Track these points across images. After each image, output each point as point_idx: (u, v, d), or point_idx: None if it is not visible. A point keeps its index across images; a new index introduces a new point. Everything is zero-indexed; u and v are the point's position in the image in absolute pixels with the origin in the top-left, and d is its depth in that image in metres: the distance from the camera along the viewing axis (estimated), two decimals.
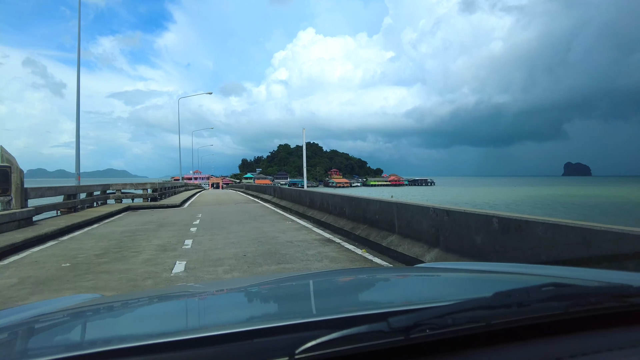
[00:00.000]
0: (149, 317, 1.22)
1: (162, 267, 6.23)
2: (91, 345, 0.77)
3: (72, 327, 1.13)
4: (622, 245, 3.01)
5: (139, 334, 0.98)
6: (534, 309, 0.83)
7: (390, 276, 1.80)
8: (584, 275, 1.32)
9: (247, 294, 1.46)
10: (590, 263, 3.23)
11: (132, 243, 8.54)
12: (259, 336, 0.75)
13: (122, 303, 1.45)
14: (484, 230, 4.57)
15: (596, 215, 34.98)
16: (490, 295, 0.84)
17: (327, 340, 0.71)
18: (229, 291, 1.56)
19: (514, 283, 1.31)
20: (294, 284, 1.62)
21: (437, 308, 0.78)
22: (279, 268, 6.06)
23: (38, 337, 1.05)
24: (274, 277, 2.09)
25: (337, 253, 7.12)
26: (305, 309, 1.18)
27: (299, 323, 0.81)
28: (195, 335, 0.76)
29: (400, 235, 6.65)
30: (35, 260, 6.95)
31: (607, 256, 3.10)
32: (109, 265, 6.45)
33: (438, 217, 5.54)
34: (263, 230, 10.08)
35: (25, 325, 1.13)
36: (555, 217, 3.97)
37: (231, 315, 1.15)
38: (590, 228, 3.28)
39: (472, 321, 0.77)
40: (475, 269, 1.77)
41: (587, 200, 56.06)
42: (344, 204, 9.66)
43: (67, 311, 1.31)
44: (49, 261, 6.86)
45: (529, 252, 3.89)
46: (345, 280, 1.67)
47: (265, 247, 7.68)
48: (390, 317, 0.75)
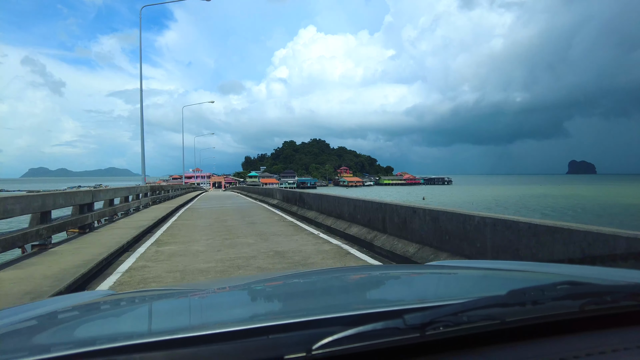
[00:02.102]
0: (165, 313, 1.22)
1: None
2: (108, 341, 0.75)
3: (85, 322, 1.15)
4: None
5: (157, 329, 0.99)
6: (549, 307, 0.82)
7: (403, 273, 1.79)
8: (597, 273, 1.33)
9: (262, 290, 1.46)
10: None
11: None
12: (275, 332, 0.75)
13: (137, 299, 1.44)
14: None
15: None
16: (504, 293, 0.84)
17: (343, 337, 0.70)
18: (243, 288, 1.54)
19: (528, 281, 1.31)
20: (307, 281, 1.58)
21: (452, 305, 0.78)
22: None
23: (49, 333, 1.01)
24: (287, 274, 2.00)
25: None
26: (320, 306, 1.17)
27: (315, 319, 0.81)
28: (212, 331, 0.76)
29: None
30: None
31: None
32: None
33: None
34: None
35: (34, 321, 1.11)
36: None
37: (247, 311, 1.20)
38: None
39: (487, 319, 0.77)
40: (488, 267, 1.73)
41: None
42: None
43: (80, 307, 1.32)
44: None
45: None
46: (358, 277, 1.68)
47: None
48: (405, 314, 0.75)
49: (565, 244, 3.33)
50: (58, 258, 6.23)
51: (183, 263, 6.11)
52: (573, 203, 51.24)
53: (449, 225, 5.03)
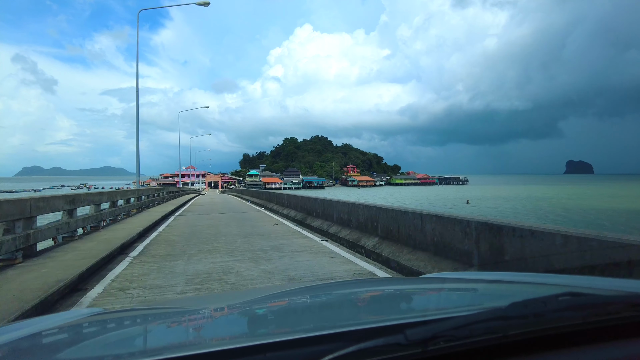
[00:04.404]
0: (154, 332, 1.16)
1: None
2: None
3: (72, 343, 1.10)
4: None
5: (145, 348, 0.95)
6: (551, 319, 0.81)
7: (403, 287, 1.74)
8: (599, 284, 1.29)
9: (259, 306, 1.39)
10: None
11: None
12: (273, 350, 0.72)
13: (126, 318, 1.40)
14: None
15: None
16: (506, 305, 0.83)
17: (343, 354, 0.69)
18: (239, 304, 1.48)
19: (529, 293, 1.30)
20: (306, 297, 1.53)
21: (454, 319, 0.77)
22: None
23: (34, 354, 0.98)
24: (285, 289, 1.85)
25: None
26: (318, 322, 1.13)
27: (314, 336, 0.78)
28: (206, 349, 0.73)
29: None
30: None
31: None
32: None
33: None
34: None
35: (22, 342, 1.05)
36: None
37: (243, 328, 1.15)
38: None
39: (489, 332, 0.76)
40: (488, 278, 1.68)
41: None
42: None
43: (67, 327, 1.25)
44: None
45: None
46: (357, 291, 1.62)
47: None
48: (406, 329, 0.73)
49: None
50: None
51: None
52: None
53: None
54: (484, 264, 4.13)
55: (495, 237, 3.96)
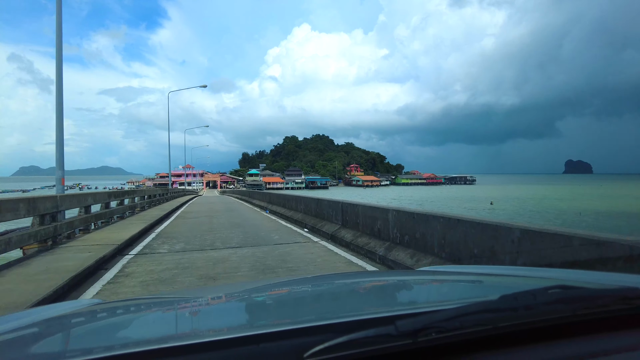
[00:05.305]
0: (152, 322, 1.18)
1: None
2: (91, 352, 0.74)
3: (73, 333, 1.11)
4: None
5: (143, 338, 0.96)
6: (541, 311, 0.82)
7: (395, 279, 1.75)
8: (589, 277, 1.31)
9: (252, 297, 1.41)
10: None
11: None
12: (265, 340, 0.74)
13: (125, 308, 1.40)
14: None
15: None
16: (496, 297, 0.84)
17: (334, 344, 0.70)
18: (233, 295, 1.51)
19: (519, 286, 1.31)
20: (299, 288, 1.55)
21: (444, 311, 0.78)
22: None
23: (36, 343, 0.98)
24: (278, 281, 1.88)
25: None
26: (310, 313, 1.15)
27: (306, 327, 0.80)
28: (201, 340, 0.75)
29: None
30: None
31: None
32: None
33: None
34: None
35: (22, 331, 1.06)
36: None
37: (237, 319, 1.17)
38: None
39: (479, 324, 0.77)
40: (479, 272, 1.68)
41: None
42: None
43: (67, 317, 1.27)
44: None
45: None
46: (349, 283, 1.63)
47: None
48: (397, 320, 0.74)
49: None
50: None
51: None
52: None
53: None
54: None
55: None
